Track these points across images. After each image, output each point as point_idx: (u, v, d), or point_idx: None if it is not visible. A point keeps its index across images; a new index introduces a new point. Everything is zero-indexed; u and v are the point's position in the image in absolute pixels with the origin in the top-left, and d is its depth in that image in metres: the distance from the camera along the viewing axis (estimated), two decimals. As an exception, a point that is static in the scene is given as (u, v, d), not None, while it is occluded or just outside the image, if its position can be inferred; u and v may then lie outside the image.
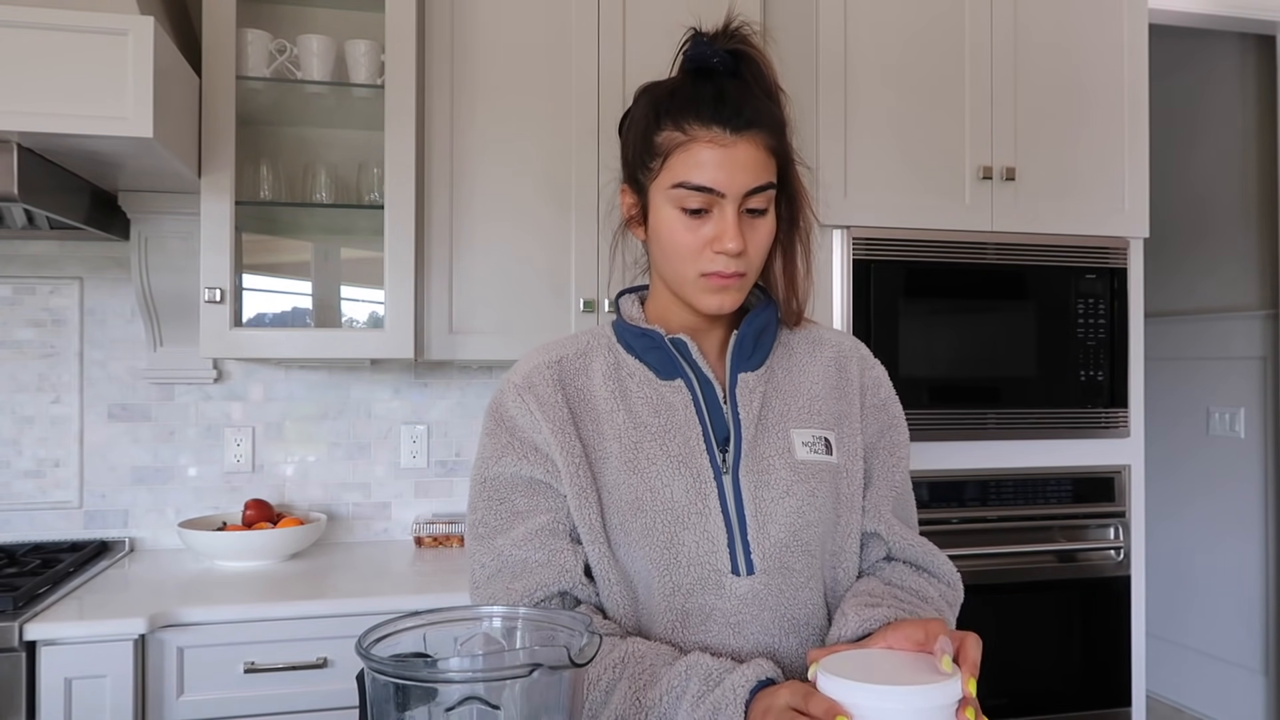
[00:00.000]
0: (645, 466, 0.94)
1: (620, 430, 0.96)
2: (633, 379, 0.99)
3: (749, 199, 0.91)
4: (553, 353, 1.01)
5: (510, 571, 0.93)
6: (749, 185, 0.90)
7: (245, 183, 2.00)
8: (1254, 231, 3.10)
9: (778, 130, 0.94)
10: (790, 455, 0.96)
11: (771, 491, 0.94)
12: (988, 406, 2.17)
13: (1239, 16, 2.78)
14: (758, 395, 0.97)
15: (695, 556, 0.92)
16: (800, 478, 0.95)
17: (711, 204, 0.91)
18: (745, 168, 0.90)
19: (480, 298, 2.05)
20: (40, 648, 1.55)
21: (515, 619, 0.80)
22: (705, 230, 0.91)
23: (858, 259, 2.09)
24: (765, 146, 0.92)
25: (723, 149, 0.90)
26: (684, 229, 0.92)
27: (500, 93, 2.07)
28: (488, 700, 0.64)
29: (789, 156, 0.97)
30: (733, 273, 0.92)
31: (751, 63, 0.96)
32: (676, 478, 0.93)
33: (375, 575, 1.93)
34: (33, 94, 1.47)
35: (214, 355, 1.93)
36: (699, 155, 0.90)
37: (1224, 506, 3.17)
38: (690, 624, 0.93)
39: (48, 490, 2.12)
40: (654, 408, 0.97)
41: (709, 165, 0.90)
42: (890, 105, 2.14)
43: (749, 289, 0.97)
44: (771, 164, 0.93)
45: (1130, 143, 2.28)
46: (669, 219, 0.93)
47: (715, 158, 0.90)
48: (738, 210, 0.91)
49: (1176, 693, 3.34)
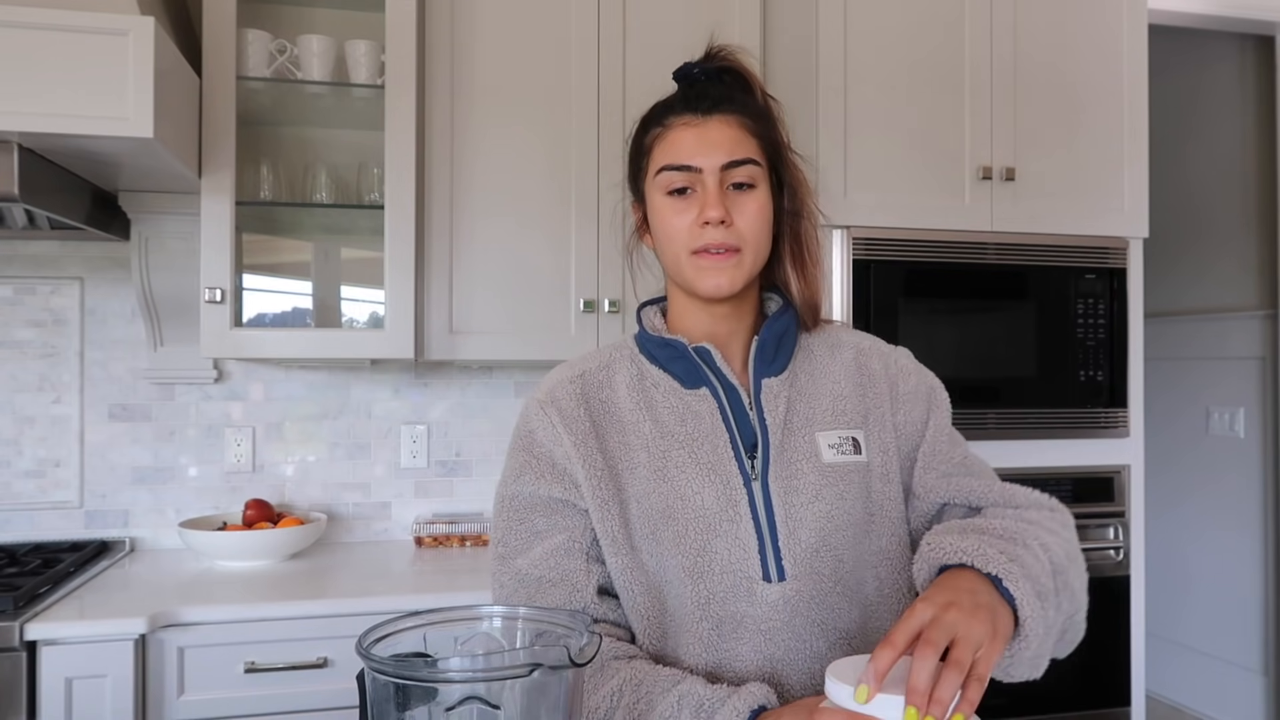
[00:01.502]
0: (675, 475, 0.94)
1: (647, 440, 0.96)
2: (658, 389, 0.99)
3: (730, 173, 0.93)
4: (576, 368, 1.02)
5: (526, 592, 0.95)
6: (725, 159, 0.93)
7: (245, 183, 2.00)
8: (1253, 232, 3.10)
9: (757, 115, 0.97)
10: (818, 459, 0.96)
11: (801, 496, 0.94)
12: (988, 406, 2.17)
13: (1238, 17, 2.78)
14: (782, 400, 0.97)
15: (727, 564, 0.92)
16: (829, 481, 0.95)
17: (693, 182, 0.94)
18: (719, 143, 0.93)
19: (480, 298, 2.05)
20: (41, 648, 1.55)
21: (515, 619, 0.80)
22: (691, 209, 0.94)
23: (858, 259, 2.10)
24: (741, 125, 0.95)
25: (695, 129, 0.94)
26: (672, 211, 0.95)
27: (500, 93, 2.07)
28: (488, 700, 0.64)
29: (779, 146, 0.99)
30: (722, 246, 0.93)
31: (735, 74, 1.00)
32: (707, 485, 0.94)
33: (375, 575, 1.93)
34: (33, 94, 1.47)
35: (214, 355, 1.93)
36: (675, 138, 0.95)
37: (1223, 506, 3.17)
38: (723, 631, 0.92)
39: (48, 490, 2.12)
40: (680, 416, 0.97)
41: (684, 145, 0.94)
42: (890, 105, 2.14)
43: (749, 270, 0.96)
44: (751, 143, 0.95)
45: (1129, 143, 2.28)
46: (659, 207, 0.96)
47: (689, 136, 0.94)
48: (719, 185, 0.93)
49: (1176, 693, 3.35)
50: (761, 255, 0.97)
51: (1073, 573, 0.89)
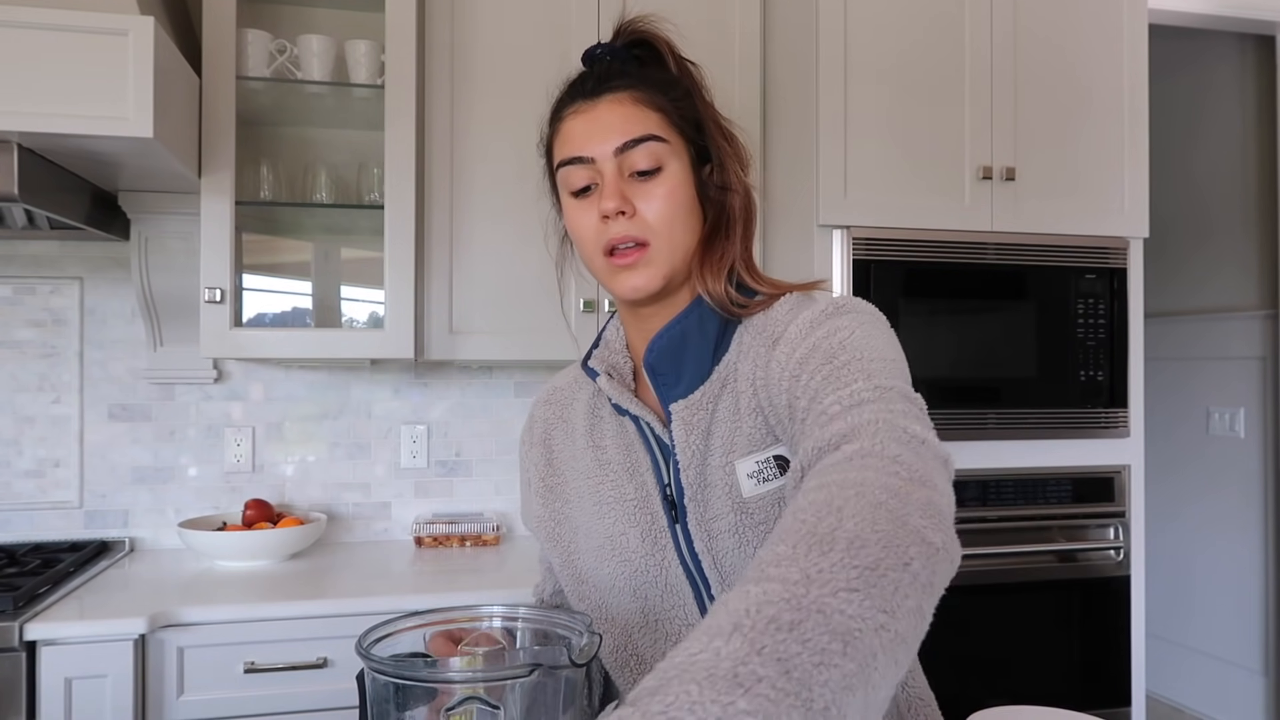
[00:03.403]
0: (606, 511, 0.89)
1: (587, 469, 0.92)
2: (605, 408, 0.93)
3: (627, 157, 0.83)
4: (558, 379, 1.02)
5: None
6: (616, 141, 0.82)
7: (245, 183, 2.00)
8: (1254, 232, 3.10)
9: (658, 85, 0.86)
10: (737, 494, 0.82)
11: (723, 542, 0.82)
12: (988, 406, 2.17)
13: (1239, 17, 2.78)
14: (697, 428, 0.84)
15: (665, 612, 0.86)
16: (750, 521, 0.81)
17: (593, 177, 0.84)
18: (610, 125, 0.83)
19: (480, 298, 2.05)
20: (40, 648, 1.55)
21: (515, 619, 0.80)
22: (594, 206, 0.84)
23: (858, 259, 2.09)
24: (635, 100, 0.84)
25: (584, 115, 0.84)
26: (577, 211, 0.85)
27: (500, 93, 2.07)
28: (488, 700, 0.64)
29: (698, 117, 0.87)
30: (626, 239, 0.82)
31: (646, 46, 0.89)
32: (631, 526, 0.87)
33: (375, 575, 1.93)
34: (33, 94, 1.47)
35: (214, 355, 1.93)
36: (566, 130, 0.86)
37: (1224, 506, 3.17)
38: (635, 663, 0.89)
39: (48, 490, 2.12)
40: (619, 444, 0.90)
41: (575, 134, 0.85)
42: (890, 105, 2.14)
43: (664, 264, 0.84)
44: (651, 117, 0.84)
45: (1130, 143, 2.28)
46: (567, 209, 0.87)
47: (578, 126, 0.85)
48: (618, 172, 0.83)
49: (1176, 693, 3.34)
50: (680, 246, 0.85)
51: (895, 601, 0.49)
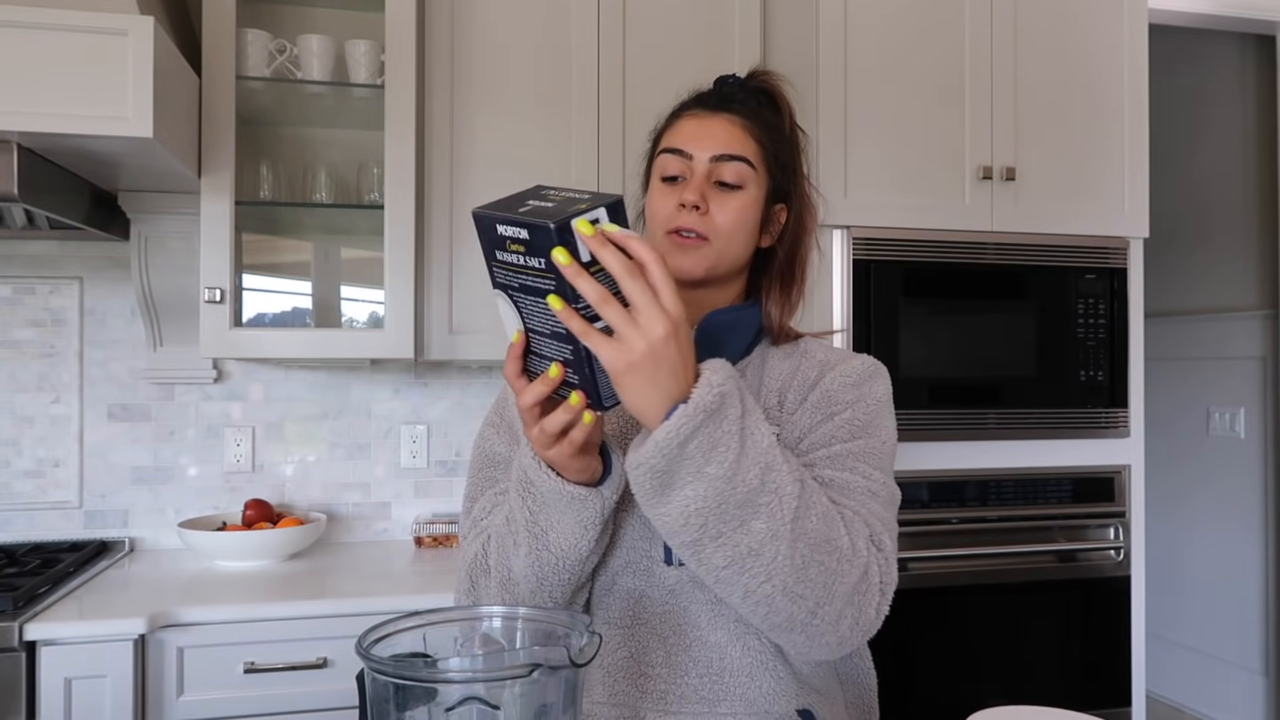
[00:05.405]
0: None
1: None
2: None
3: (719, 167, 0.96)
4: None
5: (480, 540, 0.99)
6: (717, 150, 0.96)
7: (245, 183, 2.00)
8: (1254, 232, 3.10)
9: (767, 127, 1.00)
10: None
11: None
12: (988, 406, 2.17)
13: (1239, 16, 2.78)
14: None
15: (631, 542, 0.96)
16: None
17: (685, 170, 0.97)
18: (715, 136, 0.97)
19: (480, 298, 2.05)
20: (40, 648, 1.54)
21: (515, 619, 0.80)
22: (677, 194, 0.97)
23: (858, 259, 2.10)
24: (744, 127, 0.98)
25: (699, 120, 0.99)
26: (660, 194, 0.99)
27: (500, 93, 2.07)
28: (488, 700, 0.64)
29: (789, 168, 1.02)
30: (692, 230, 0.95)
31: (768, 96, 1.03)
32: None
33: (375, 575, 1.93)
34: (33, 94, 1.47)
35: (214, 355, 1.93)
36: (680, 126, 1.00)
37: (1224, 506, 3.17)
38: (630, 610, 0.96)
39: (48, 490, 2.12)
40: None
41: (685, 132, 0.99)
42: (890, 105, 2.14)
43: (714, 261, 0.96)
44: (749, 144, 0.97)
45: (1130, 143, 2.28)
46: (653, 190, 1.01)
47: (691, 126, 0.99)
48: (706, 176, 0.96)
49: (1176, 693, 3.34)
50: (731, 254, 0.98)
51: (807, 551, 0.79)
